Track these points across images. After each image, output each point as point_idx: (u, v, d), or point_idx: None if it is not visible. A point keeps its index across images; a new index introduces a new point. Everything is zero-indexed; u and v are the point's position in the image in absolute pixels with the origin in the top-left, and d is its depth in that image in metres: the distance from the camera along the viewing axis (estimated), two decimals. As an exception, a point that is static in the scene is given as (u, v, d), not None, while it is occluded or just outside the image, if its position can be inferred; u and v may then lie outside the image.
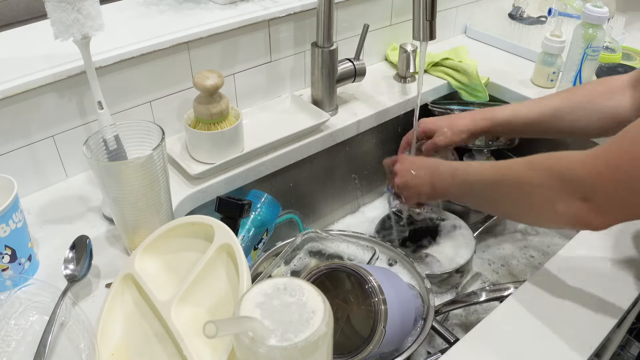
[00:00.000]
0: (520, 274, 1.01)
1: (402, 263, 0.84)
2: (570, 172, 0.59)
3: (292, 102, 1.06)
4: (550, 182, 0.61)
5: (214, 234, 0.62)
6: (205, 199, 0.88)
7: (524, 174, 0.64)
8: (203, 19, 0.93)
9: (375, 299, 0.62)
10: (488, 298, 0.81)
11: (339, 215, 1.16)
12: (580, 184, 0.58)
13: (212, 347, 0.57)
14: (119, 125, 0.71)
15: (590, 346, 0.62)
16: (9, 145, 0.80)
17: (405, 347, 0.69)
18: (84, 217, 0.81)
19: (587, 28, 1.04)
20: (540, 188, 0.62)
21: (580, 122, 0.81)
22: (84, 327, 0.63)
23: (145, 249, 0.68)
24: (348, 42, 1.11)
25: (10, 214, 0.66)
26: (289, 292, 0.47)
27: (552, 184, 0.60)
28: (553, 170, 0.61)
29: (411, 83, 1.17)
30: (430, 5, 0.81)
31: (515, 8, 1.31)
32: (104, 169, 0.66)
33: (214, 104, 0.84)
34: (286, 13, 0.99)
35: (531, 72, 1.17)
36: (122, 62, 0.84)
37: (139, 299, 0.66)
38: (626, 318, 0.70)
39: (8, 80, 0.76)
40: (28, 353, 0.61)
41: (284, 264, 0.79)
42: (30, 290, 0.67)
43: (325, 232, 0.82)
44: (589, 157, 0.58)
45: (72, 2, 0.65)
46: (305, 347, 0.43)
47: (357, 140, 1.08)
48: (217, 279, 0.62)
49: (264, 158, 0.93)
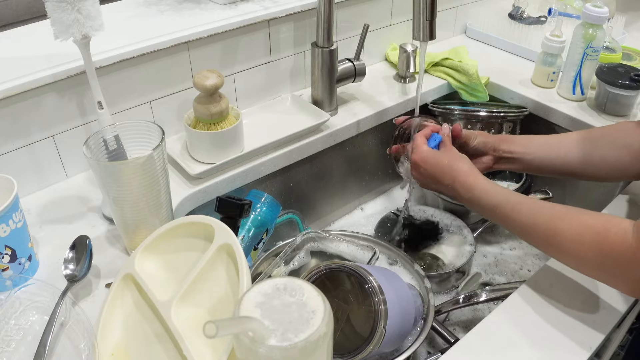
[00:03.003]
0: (520, 274, 1.01)
1: (402, 263, 0.83)
2: (615, 251, 0.59)
3: (292, 102, 1.06)
4: (598, 258, 0.61)
5: (214, 234, 0.62)
6: (205, 199, 0.88)
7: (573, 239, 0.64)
8: (203, 19, 0.93)
9: (375, 299, 0.62)
10: (488, 298, 0.81)
11: (339, 215, 1.16)
12: (627, 264, 0.59)
13: (212, 347, 0.57)
14: (119, 125, 0.71)
15: (590, 346, 0.62)
16: (9, 145, 0.80)
17: (405, 347, 0.69)
18: (84, 217, 0.81)
19: (587, 28, 1.04)
20: (589, 260, 0.63)
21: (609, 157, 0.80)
22: (84, 327, 0.63)
23: (145, 249, 0.68)
24: (348, 42, 1.11)
25: (10, 214, 0.66)
26: (289, 292, 0.47)
27: (600, 260, 0.61)
28: (598, 244, 0.61)
29: (411, 83, 1.17)
30: (430, 5, 0.82)
31: (515, 8, 1.31)
32: (104, 169, 0.66)
33: (214, 104, 0.84)
34: (286, 13, 0.99)
35: (531, 72, 1.17)
36: (122, 62, 0.84)
37: (139, 299, 0.66)
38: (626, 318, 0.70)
39: (8, 80, 0.76)
40: (28, 353, 0.61)
41: (284, 264, 0.79)
42: (30, 290, 0.67)
43: (325, 232, 0.82)
44: (632, 237, 0.58)
45: (72, 2, 0.65)
46: (305, 347, 0.43)
47: (357, 140, 1.08)
48: (217, 279, 0.62)
49: (264, 158, 0.93)
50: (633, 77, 1.01)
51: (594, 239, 0.61)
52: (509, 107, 1.11)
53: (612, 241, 0.59)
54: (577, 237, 0.63)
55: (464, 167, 0.78)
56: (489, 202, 0.73)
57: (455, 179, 0.77)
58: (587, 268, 0.64)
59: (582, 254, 0.62)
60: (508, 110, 1.09)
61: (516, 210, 0.70)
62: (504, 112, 1.07)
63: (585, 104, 1.09)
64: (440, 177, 0.79)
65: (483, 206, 0.74)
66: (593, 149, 0.81)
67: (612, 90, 1.03)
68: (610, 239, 0.60)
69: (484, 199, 0.74)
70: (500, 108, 1.09)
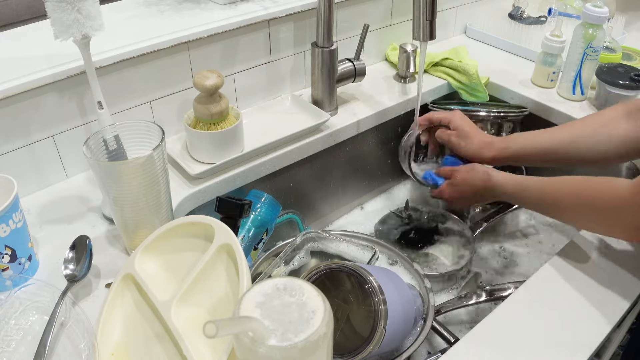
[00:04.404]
0: (520, 273, 1.01)
1: (402, 263, 0.83)
2: (611, 207, 0.67)
3: (292, 102, 1.06)
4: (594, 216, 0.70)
5: (214, 234, 0.62)
6: (205, 199, 0.88)
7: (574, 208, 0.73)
8: (203, 19, 0.93)
9: (375, 299, 0.62)
10: (488, 298, 0.81)
11: (339, 215, 1.16)
12: (626, 216, 0.65)
13: (212, 347, 0.57)
14: (119, 125, 0.71)
15: (590, 346, 0.62)
16: (9, 145, 0.80)
17: (405, 347, 0.69)
18: (84, 217, 0.81)
19: (587, 28, 1.04)
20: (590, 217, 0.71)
21: (594, 145, 0.84)
22: (84, 327, 0.63)
23: (145, 249, 0.68)
24: (348, 42, 1.11)
25: (10, 214, 0.66)
26: (289, 292, 0.47)
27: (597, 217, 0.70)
28: (594, 206, 0.69)
29: (411, 83, 1.17)
30: (430, 5, 0.82)
31: (515, 8, 1.31)
32: (104, 169, 0.66)
33: (214, 104, 0.84)
34: (286, 13, 0.99)
35: (531, 72, 1.17)
36: (122, 62, 0.84)
37: (139, 299, 0.66)
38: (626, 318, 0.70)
39: (8, 80, 0.76)
40: (28, 353, 0.61)
41: (284, 264, 0.79)
42: (30, 290, 0.67)
43: (325, 232, 0.82)
44: (627, 191, 0.64)
45: (72, 2, 0.65)
46: (305, 347, 0.43)
47: (357, 140, 1.08)
48: (217, 279, 0.62)
49: (264, 158, 0.93)
50: (633, 77, 1.01)
51: (589, 193, 0.69)
52: (509, 107, 1.11)
53: (605, 193, 0.67)
54: (575, 195, 0.71)
55: (483, 168, 0.88)
56: (508, 191, 0.83)
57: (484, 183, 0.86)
58: (586, 222, 0.73)
59: (580, 208, 0.71)
60: (508, 110, 1.09)
61: (525, 190, 0.80)
62: (504, 112, 1.07)
63: (586, 104, 1.09)
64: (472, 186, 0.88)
65: (502, 197, 0.84)
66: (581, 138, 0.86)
67: (612, 90, 1.03)
68: (603, 192, 0.68)
69: (502, 190, 0.84)
70: (500, 108, 1.09)
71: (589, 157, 0.84)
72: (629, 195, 0.64)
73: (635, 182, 0.64)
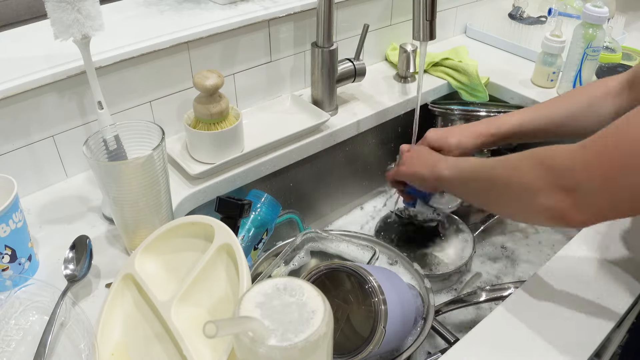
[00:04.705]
0: (520, 273, 1.01)
1: (402, 263, 0.83)
2: (556, 161, 0.58)
3: (292, 102, 1.06)
4: (536, 171, 0.59)
5: (214, 234, 0.62)
6: (205, 199, 0.88)
7: (514, 164, 0.63)
8: (203, 19, 0.93)
9: (375, 299, 0.62)
10: (488, 298, 0.81)
11: (339, 215, 1.16)
12: (565, 173, 0.56)
13: (212, 347, 0.57)
14: (119, 125, 0.71)
15: (590, 346, 0.62)
16: (9, 145, 0.80)
17: (405, 347, 0.69)
18: (84, 217, 0.81)
19: (587, 28, 1.04)
20: (526, 176, 0.60)
21: (583, 124, 0.81)
22: (84, 327, 0.63)
23: (145, 249, 0.68)
24: (348, 42, 1.11)
25: (10, 214, 0.66)
26: (289, 292, 0.47)
27: (537, 173, 0.59)
28: (539, 159, 0.60)
29: (411, 83, 1.17)
30: (430, 5, 0.82)
31: (515, 8, 1.31)
32: (104, 169, 0.66)
33: (214, 104, 0.84)
34: (286, 13, 0.99)
35: (531, 72, 1.17)
36: (122, 62, 0.84)
37: (139, 299, 0.66)
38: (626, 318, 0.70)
39: (8, 80, 0.76)
40: (28, 353, 0.61)
41: (284, 264, 0.79)
42: (30, 290, 0.67)
43: (325, 232, 0.82)
44: (577, 148, 0.57)
45: (72, 2, 0.65)
46: (305, 347, 0.43)
47: (357, 140, 1.08)
48: (217, 279, 0.62)
49: (264, 158, 0.93)
50: (633, 77, 1.01)
51: (533, 161, 0.60)
52: (509, 107, 1.11)
53: (554, 155, 0.58)
54: (516, 164, 0.63)
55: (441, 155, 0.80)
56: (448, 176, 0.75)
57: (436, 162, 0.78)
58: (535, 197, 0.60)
59: (524, 179, 0.60)
60: (508, 110, 1.08)
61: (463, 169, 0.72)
62: (504, 112, 1.07)
63: (585, 104, 1.09)
64: (425, 160, 0.81)
65: (466, 169, 0.74)
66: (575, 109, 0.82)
67: (612, 90, 1.03)
68: (549, 155, 0.59)
69: (467, 162, 0.75)
70: (500, 108, 1.09)
71: (588, 129, 0.81)
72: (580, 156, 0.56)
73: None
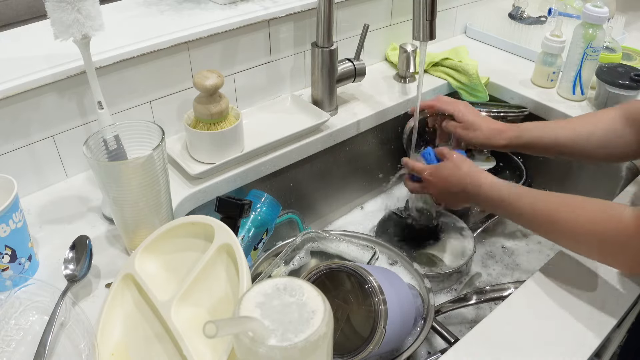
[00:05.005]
0: (521, 273, 1.01)
1: (402, 263, 0.83)
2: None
3: (292, 102, 1.06)
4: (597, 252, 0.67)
5: (214, 234, 0.62)
6: (205, 199, 0.88)
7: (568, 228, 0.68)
8: (203, 19, 0.93)
9: (375, 299, 0.62)
10: (488, 298, 0.81)
11: (339, 215, 1.16)
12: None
13: (212, 347, 0.57)
14: (119, 125, 0.71)
15: (590, 346, 0.62)
16: (9, 145, 0.80)
17: (405, 347, 0.69)
18: (84, 217, 0.81)
19: (587, 28, 1.04)
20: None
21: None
22: (84, 327, 0.63)
23: (145, 249, 0.68)
24: (348, 42, 1.11)
25: (10, 214, 0.66)
26: (289, 292, 0.47)
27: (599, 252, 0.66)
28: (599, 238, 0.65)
29: (411, 83, 1.17)
30: (430, 5, 0.82)
31: (515, 8, 1.31)
32: (104, 169, 0.66)
33: (214, 104, 0.84)
34: (286, 13, 0.99)
35: (531, 72, 1.17)
36: (122, 62, 0.84)
37: (139, 299, 0.66)
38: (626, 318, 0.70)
39: (8, 80, 0.76)
40: (28, 353, 0.61)
41: (284, 264, 0.79)
42: (30, 290, 0.67)
43: (325, 232, 0.82)
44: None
45: (72, 2, 0.65)
46: (305, 347, 0.43)
47: (357, 140, 1.08)
48: (217, 279, 0.62)
49: (264, 158, 0.93)
50: (633, 77, 1.01)
51: (589, 220, 0.65)
52: (509, 107, 1.11)
53: (608, 222, 0.63)
54: (574, 221, 0.67)
55: (471, 168, 0.81)
56: (494, 196, 0.76)
57: (465, 183, 0.80)
58: (585, 250, 0.69)
59: (580, 237, 0.67)
60: (508, 110, 1.09)
61: (517, 200, 0.73)
62: (504, 112, 1.07)
63: (585, 104, 1.09)
64: (453, 185, 0.82)
65: (490, 201, 0.77)
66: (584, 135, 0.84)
67: (612, 90, 1.03)
68: (605, 221, 0.64)
69: (490, 193, 0.77)
70: (500, 108, 1.09)
71: (599, 153, 0.83)
72: (633, 227, 0.60)
73: (638, 212, 0.61)
